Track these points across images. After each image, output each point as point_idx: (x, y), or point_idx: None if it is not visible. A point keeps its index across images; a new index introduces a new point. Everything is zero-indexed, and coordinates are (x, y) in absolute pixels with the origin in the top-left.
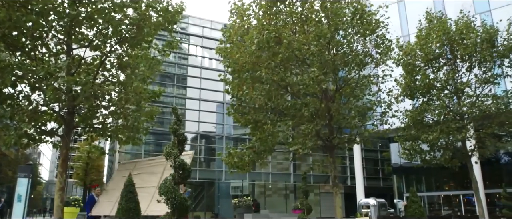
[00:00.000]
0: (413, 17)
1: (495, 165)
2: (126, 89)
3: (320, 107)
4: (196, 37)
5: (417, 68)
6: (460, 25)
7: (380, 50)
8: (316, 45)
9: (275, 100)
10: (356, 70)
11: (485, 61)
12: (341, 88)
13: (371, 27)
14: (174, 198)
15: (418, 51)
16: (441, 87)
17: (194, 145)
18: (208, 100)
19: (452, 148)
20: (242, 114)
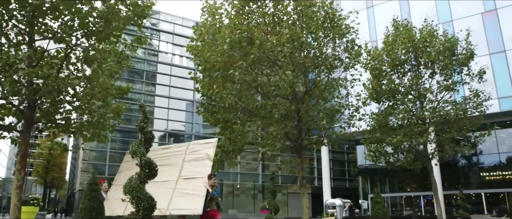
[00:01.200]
0: (381, 24)
1: (453, 167)
2: (92, 84)
3: (289, 108)
4: (166, 33)
5: (383, 73)
6: (424, 33)
7: (349, 55)
8: (289, 47)
9: (245, 100)
10: (326, 73)
11: (446, 68)
12: (310, 90)
13: (342, 32)
14: (139, 198)
15: (385, 56)
16: (405, 92)
17: (162, 143)
18: (177, 98)
19: (414, 151)
20: (212, 113)
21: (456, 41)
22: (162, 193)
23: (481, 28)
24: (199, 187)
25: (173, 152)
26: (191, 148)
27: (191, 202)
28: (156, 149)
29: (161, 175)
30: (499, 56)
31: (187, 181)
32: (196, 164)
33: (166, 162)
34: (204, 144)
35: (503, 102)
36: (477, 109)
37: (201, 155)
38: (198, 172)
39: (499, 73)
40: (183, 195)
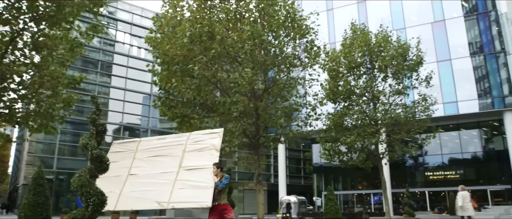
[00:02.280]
0: (340, 27)
1: (401, 167)
2: (41, 72)
3: (248, 106)
4: (124, 23)
5: (340, 75)
6: (379, 38)
7: (309, 55)
8: (249, 44)
9: (204, 95)
10: (285, 72)
11: (398, 73)
12: (269, 88)
13: (302, 32)
14: (89, 193)
15: (342, 58)
16: (360, 93)
17: (116, 136)
18: (134, 90)
19: (367, 150)
20: (169, 108)
21: (408, 48)
22: (161, 186)
23: (430, 37)
24: (205, 178)
25: (170, 143)
26: (193, 138)
27: (197, 194)
28: (150, 140)
29: (157, 167)
30: (445, 64)
31: (190, 172)
32: (200, 154)
33: (163, 153)
34: (209, 134)
35: (447, 107)
36: (424, 112)
37: (206, 145)
38: (202, 162)
39: (444, 80)
40: (186, 187)
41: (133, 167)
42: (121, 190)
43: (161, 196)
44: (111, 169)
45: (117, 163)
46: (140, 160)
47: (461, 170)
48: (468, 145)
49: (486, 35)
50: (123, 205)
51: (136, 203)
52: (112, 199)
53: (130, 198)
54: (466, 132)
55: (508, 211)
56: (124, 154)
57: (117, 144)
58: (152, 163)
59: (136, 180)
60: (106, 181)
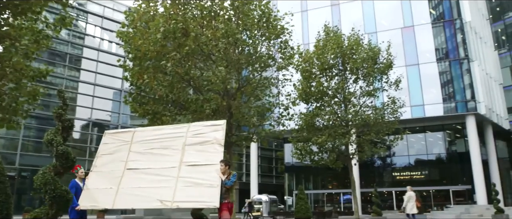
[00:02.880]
0: (314, 28)
1: (369, 167)
2: (3, 63)
3: (221, 104)
4: (95, 16)
5: (313, 76)
6: (351, 41)
7: (283, 55)
8: (224, 42)
9: (177, 92)
10: (259, 72)
11: (368, 75)
12: (243, 87)
13: (276, 32)
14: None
15: (315, 60)
16: (332, 95)
17: (84, 133)
18: (104, 86)
19: (337, 150)
20: (141, 104)
21: (379, 51)
22: (162, 182)
23: (400, 41)
24: (210, 176)
25: (168, 134)
26: (194, 130)
27: (203, 193)
28: (146, 130)
29: (157, 161)
30: (413, 68)
31: (193, 168)
32: (202, 148)
33: (161, 145)
34: (211, 126)
35: (414, 110)
36: (393, 114)
37: (208, 139)
38: (206, 158)
39: (412, 84)
40: (191, 184)
41: (129, 161)
42: (118, 186)
43: (163, 194)
44: (105, 163)
45: (111, 155)
46: (136, 153)
47: (426, 170)
48: (433, 147)
49: (451, 42)
50: (122, 203)
51: (136, 201)
52: (109, 196)
53: (129, 195)
54: (431, 134)
55: (468, 210)
56: (117, 146)
57: (109, 134)
58: (150, 157)
59: (134, 175)
60: (101, 176)
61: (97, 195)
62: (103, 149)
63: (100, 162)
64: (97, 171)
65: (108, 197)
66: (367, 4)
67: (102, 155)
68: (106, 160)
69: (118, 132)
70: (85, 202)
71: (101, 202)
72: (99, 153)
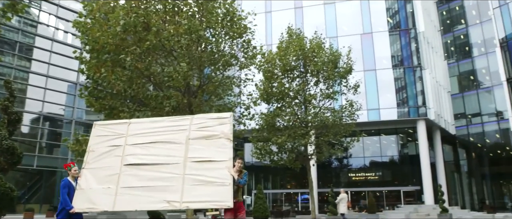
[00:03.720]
0: (277, 29)
1: (327, 168)
2: None
3: (181, 101)
4: (50, 3)
5: (275, 76)
6: (313, 44)
7: (245, 55)
8: (186, 39)
9: (136, 88)
10: (221, 70)
11: (329, 79)
12: (204, 85)
13: (240, 31)
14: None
15: (277, 61)
16: (293, 96)
17: (34, 127)
18: (57, 78)
19: (296, 151)
20: (97, 99)
21: (339, 56)
22: (167, 180)
23: (359, 47)
24: (221, 173)
25: (169, 127)
26: (198, 123)
27: (215, 192)
28: (142, 122)
29: (158, 156)
30: (371, 73)
31: (199, 165)
32: (208, 143)
33: (161, 139)
34: (216, 119)
35: (371, 113)
36: (350, 117)
37: (215, 133)
38: (214, 154)
39: (369, 88)
40: (200, 183)
41: (126, 156)
42: (117, 185)
43: (170, 194)
44: (98, 158)
45: (104, 150)
46: (134, 146)
47: (379, 172)
48: (386, 149)
49: (406, 50)
50: (124, 204)
51: (139, 202)
52: (108, 197)
53: (131, 196)
54: (385, 137)
55: (417, 209)
56: (111, 139)
57: (100, 126)
58: (150, 151)
59: (133, 172)
60: (95, 173)
61: (93, 196)
62: (94, 143)
63: (92, 158)
64: (90, 168)
65: (107, 198)
66: (329, 9)
67: (93, 150)
68: (99, 155)
69: (110, 123)
70: (80, 204)
71: (100, 204)
72: (90, 147)
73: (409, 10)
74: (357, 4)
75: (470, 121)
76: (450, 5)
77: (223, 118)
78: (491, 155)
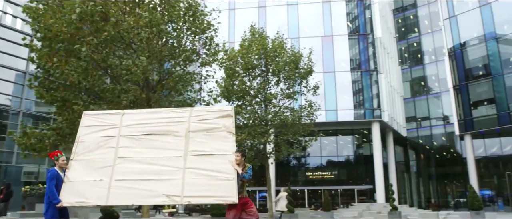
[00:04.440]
0: (240, 27)
1: (285, 167)
2: None
3: (140, 96)
4: None
5: (236, 74)
6: (275, 44)
7: (207, 51)
8: (147, 32)
9: (91, 80)
10: (182, 66)
11: (289, 79)
12: (164, 80)
13: (202, 27)
14: None
15: (239, 59)
16: (254, 94)
17: None
18: (4, 66)
19: (255, 149)
20: (48, 90)
21: (300, 56)
22: (166, 174)
23: (320, 49)
24: (224, 168)
25: (167, 118)
26: (198, 116)
27: (217, 187)
28: (137, 113)
29: (156, 149)
30: (330, 75)
31: (201, 159)
32: (210, 136)
33: (159, 130)
34: (217, 112)
35: (329, 114)
36: (309, 117)
37: (216, 126)
38: (216, 147)
39: (328, 90)
40: (201, 177)
41: (121, 148)
42: (110, 178)
43: (170, 188)
44: (88, 149)
45: (95, 141)
46: (129, 138)
47: (336, 171)
48: (343, 149)
49: (364, 54)
50: (118, 198)
51: (136, 196)
52: (100, 190)
53: (127, 189)
54: (342, 138)
55: (369, 207)
56: (103, 130)
57: (90, 116)
58: (147, 144)
59: (128, 165)
60: (85, 165)
61: (83, 189)
62: (83, 133)
63: (82, 149)
64: (79, 160)
65: (99, 191)
66: (292, 10)
67: (83, 140)
68: (89, 146)
69: (100, 113)
70: (69, 197)
71: (91, 198)
72: (79, 138)
73: (368, 16)
74: (319, 6)
75: (420, 124)
76: (405, 14)
77: (224, 111)
78: (437, 156)
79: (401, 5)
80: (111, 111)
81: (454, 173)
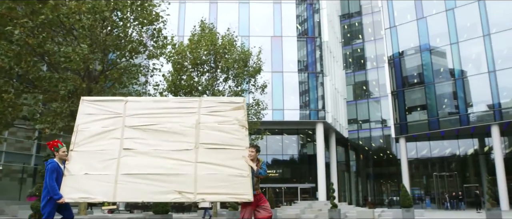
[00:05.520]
0: (190, 22)
1: None
2: None
3: (80, 86)
4: None
5: (184, 69)
6: (225, 41)
7: (155, 44)
8: (89, 18)
9: (25, 66)
10: (127, 57)
11: (238, 76)
12: (108, 70)
13: (150, 18)
14: None
15: (188, 53)
16: (202, 90)
17: None
18: None
19: None
20: None
21: (250, 55)
22: (176, 169)
23: (269, 49)
24: (238, 163)
25: (175, 108)
26: (208, 107)
27: (232, 184)
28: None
29: (164, 141)
30: (278, 75)
31: (214, 152)
32: (221, 129)
33: (166, 121)
34: (228, 103)
35: (275, 113)
36: (256, 116)
37: (228, 119)
38: (228, 141)
39: (276, 89)
40: (215, 172)
41: (126, 139)
42: (116, 172)
43: (181, 184)
44: (90, 140)
45: (97, 130)
46: (134, 129)
47: (280, 169)
48: (287, 148)
49: (311, 56)
50: (126, 194)
51: (146, 192)
52: (106, 185)
53: (135, 184)
54: (287, 137)
55: (311, 205)
56: (106, 118)
57: (89, 102)
58: (154, 135)
59: (135, 158)
60: (87, 157)
61: (87, 184)
62: (83, 121)
63: (82, 139)
64: (80, 151)
65: (105, 187)
66: (243, 9)
67: (83, 129)
68: (90, 136)
69: (100, 99)
70: (71, 192)
71: (96, 193)
72: (78, 127)
73: (316, 20)
74: (270, 6)
75: (360, 126)
76: (351, 20)
77: (235, 103)
78: (375, 157)
79: (348, 11)
80: (111, 97)
81: (389, 173)
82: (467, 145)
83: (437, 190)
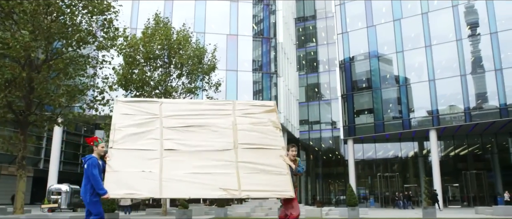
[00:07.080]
0: (144, 14)
1: None
2: None
3: (19, 75)
4: None
5: (136, 63)
6: (180, 36)
7: (105, 35)
8: (32, 3)
9: None
10: (75, 47)
11: (192, 73)
12: (52, 60)
13: (101, 7)
14: None
15: (141, 47)
16: (154, 86)
17: None
18: None
19: None
20: None
21: (205, 52)
22: (219, 168)
23: (224, 47)
24: (276, 162)
25: (210, 110)
26: (242, 109)
27: (274, 182)
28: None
29: (203, 141)
30: (232, 74)
31: (253, 152)
32: (257, 130)
33: (203, 123)
34: (261, 106)
35: None
36: None
37: (262, 120)
38: (265, 141)
39: (230, 88)
40: (257, 171)
41: (165, 140)
42: (160, 170)
43: (225, 181)
44: (129, 139)
45: (135, 130)
46: (172, 130)
47: None
48: None
49: (266, 56)
50: (173, 190)
51: (193, 189)
52: (151, 182)
53: (181, 182)
54: None
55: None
56: (143, 119)
57: (125, 103)
58: (192, 136)
59: (177, 157)
60: (128, 155)
61: (132, 180)
62: (121, 121)
63: (121, 138)
64: (120, 149)
65: (150, 184)
66: (199, 5)
67: (121, 128)
68: (129, 135)
69: (135, 101)
70: (115, 188)
71: (142, 190)
72: (116, 126)
73: (272, 21)
74: (227, 4)
75: (311, 127)
76: (306, 23)
77: (267, 106)
78: (324, 157)
79: (303, 15)
80: (146, 99)
81: (337, 173)
82: (408, 147)
83: (380, 189)
